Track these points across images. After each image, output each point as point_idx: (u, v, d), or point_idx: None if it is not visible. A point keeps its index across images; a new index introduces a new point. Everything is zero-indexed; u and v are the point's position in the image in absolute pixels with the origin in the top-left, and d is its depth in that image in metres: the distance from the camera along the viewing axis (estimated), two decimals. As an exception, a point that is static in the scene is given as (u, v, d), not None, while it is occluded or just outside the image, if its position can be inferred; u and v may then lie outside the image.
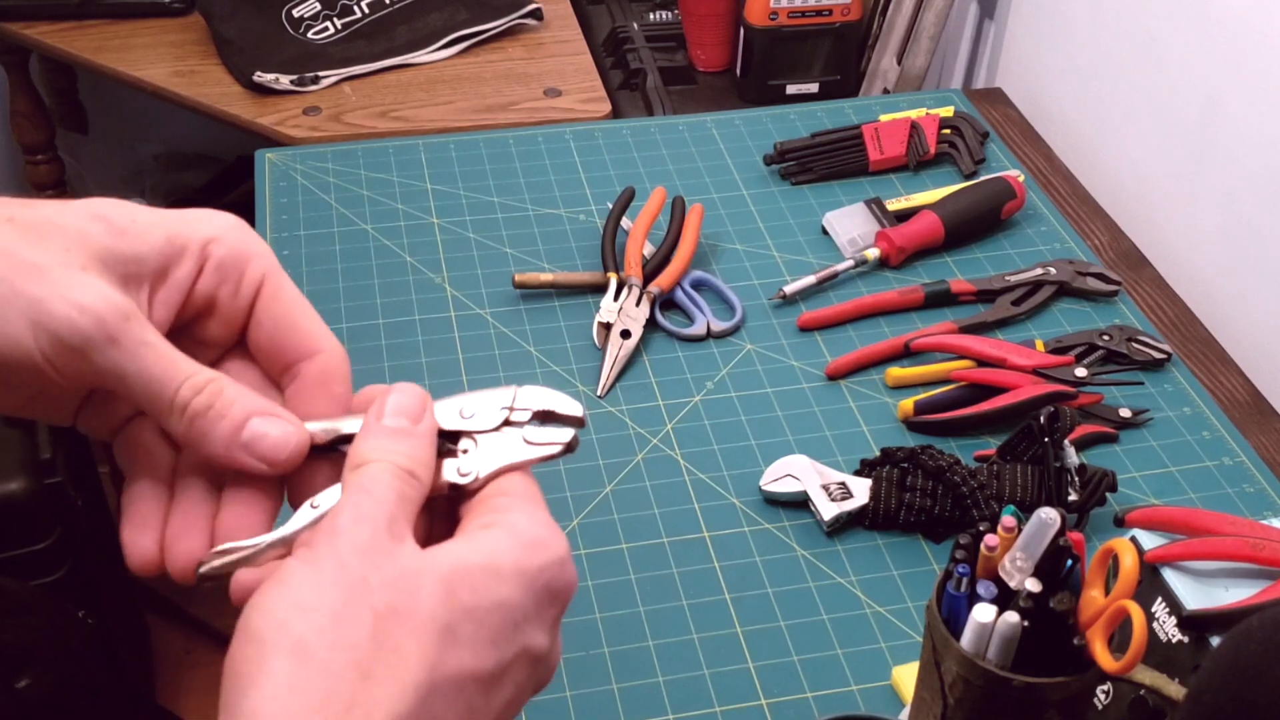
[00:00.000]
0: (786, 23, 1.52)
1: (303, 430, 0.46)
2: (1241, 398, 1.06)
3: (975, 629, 0.61)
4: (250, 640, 0.39)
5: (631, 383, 1.04)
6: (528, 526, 0.44)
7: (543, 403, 0.47)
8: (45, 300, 0.42)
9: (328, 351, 0.49)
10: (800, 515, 0.93)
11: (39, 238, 0.43)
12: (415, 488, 0.44)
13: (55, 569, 1.44)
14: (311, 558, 0.41)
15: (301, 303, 0.49)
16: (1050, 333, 1.08)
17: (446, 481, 0.46)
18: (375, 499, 0.43)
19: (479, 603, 0.42)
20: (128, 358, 0.43)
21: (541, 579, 0.44)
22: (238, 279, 0.47)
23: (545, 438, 0.47)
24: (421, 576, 0.41)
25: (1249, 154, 1.12)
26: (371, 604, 0.40)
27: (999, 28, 1.55)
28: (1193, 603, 0.70)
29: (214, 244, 0.47)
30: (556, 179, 1.25)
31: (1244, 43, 1.11)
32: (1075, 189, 1.30)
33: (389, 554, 0.41)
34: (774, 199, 1.24)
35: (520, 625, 0.43)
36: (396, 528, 0.42)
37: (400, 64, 1.56)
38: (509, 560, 0.43)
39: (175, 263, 0.46)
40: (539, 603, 0.44)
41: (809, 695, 0.81)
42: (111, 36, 1.61)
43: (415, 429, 0.46)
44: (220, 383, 0.45)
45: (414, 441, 0.45)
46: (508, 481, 0.46)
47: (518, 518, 0.45)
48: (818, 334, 1.09)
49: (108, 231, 0.44)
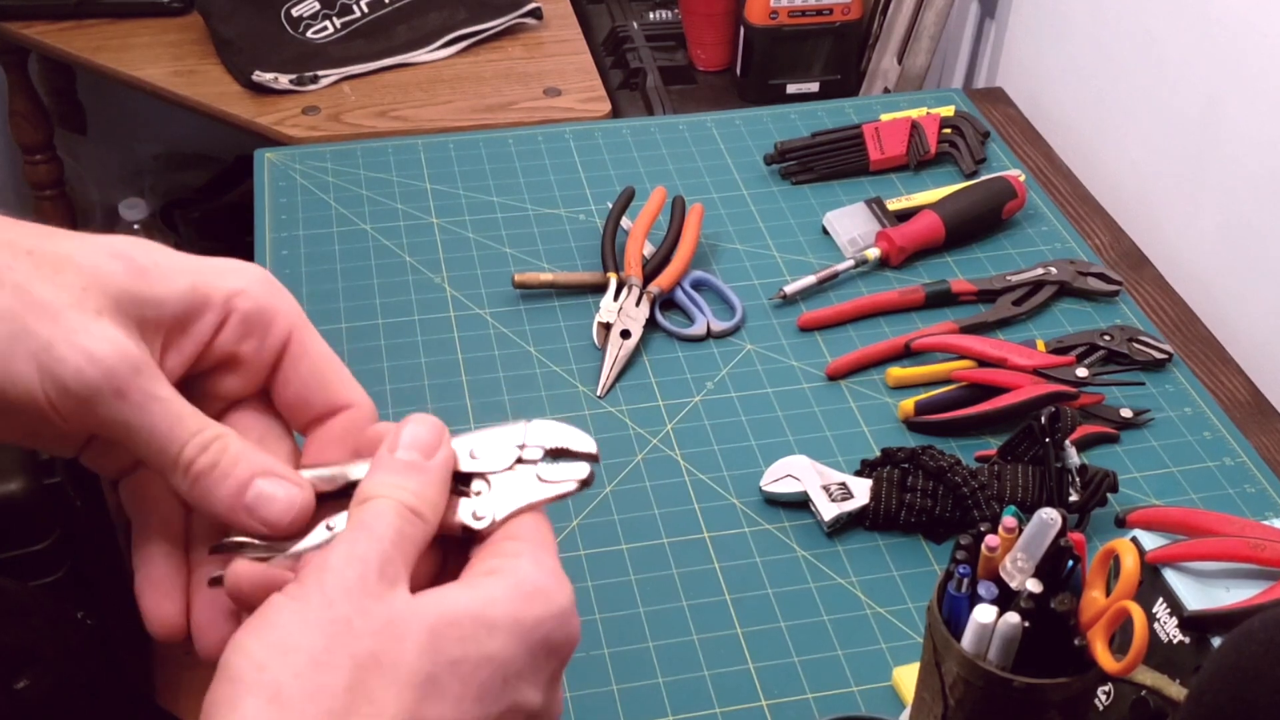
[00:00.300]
0: (787, 22, 1.52)
1: (307, 489, 0.45)
2: (1242, 398, 1.06)
3: (976, 630, 0.61)
4: (227, 680, 0.38)
5: (631, 383, 1.03)
6: (531, 574, 0.42)
7: (555, 439, 0.46)
8: (54, 344, 0.40)
9: (357, 406, 0.48)
10: (800, 516, 0.93)
11: (55, 273, 0.41)
12: (418, 527, 0.43)
13: (54, 569, 1.44)
14: (299, 594, 0.40)
15: (330, 359, 0.48)
16: (1051, 333, 1.08)
17: (460, 523, 0.44)
18: (372, 537, 0.41)
19: (466, 655, 0.40)
20: (134, 412, 0.42)
21: (538, 633, 0.42)
22: (263, 335, 0.46)
23: (560, 475, 0.45)
24: (408, 624, 0.39)
25: (1250, 154, 1.12)
26: (352, 650, 0.38)
27: (1000, 27, 1.55)
28: (1194, 603, 0.70)
29: (239, 297, 0.45)
30: (556, 179, 1.25)
31: (1244, 43, 1.11)
32: (1076, 189, 1.30)
33: (377, 597, 0.40)
34: (774, 199, 1.24)
35: (510, 681, 0.41)
36: (390, 570, 0.41)
37: (399, 63, 1.56)
38: (504, 611, 0.41)
39: (197, 313, 0.44)
40: (534, 657, 0.42)
41: (809, 696, 0.81)
42: (110, 36, 1.61)
43: (427, 464, 0.44)
44: (226, 440, 0.44)
45: (423, 478, 0.44)
46: (519, 525, 0.44)
47: (523, 564, 0.43)
48: (818, 334, 1.09)
49: (127, 272, 0.43)
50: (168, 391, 0.43)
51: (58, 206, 2.00)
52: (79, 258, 0.42)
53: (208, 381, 0.47)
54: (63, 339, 0.41)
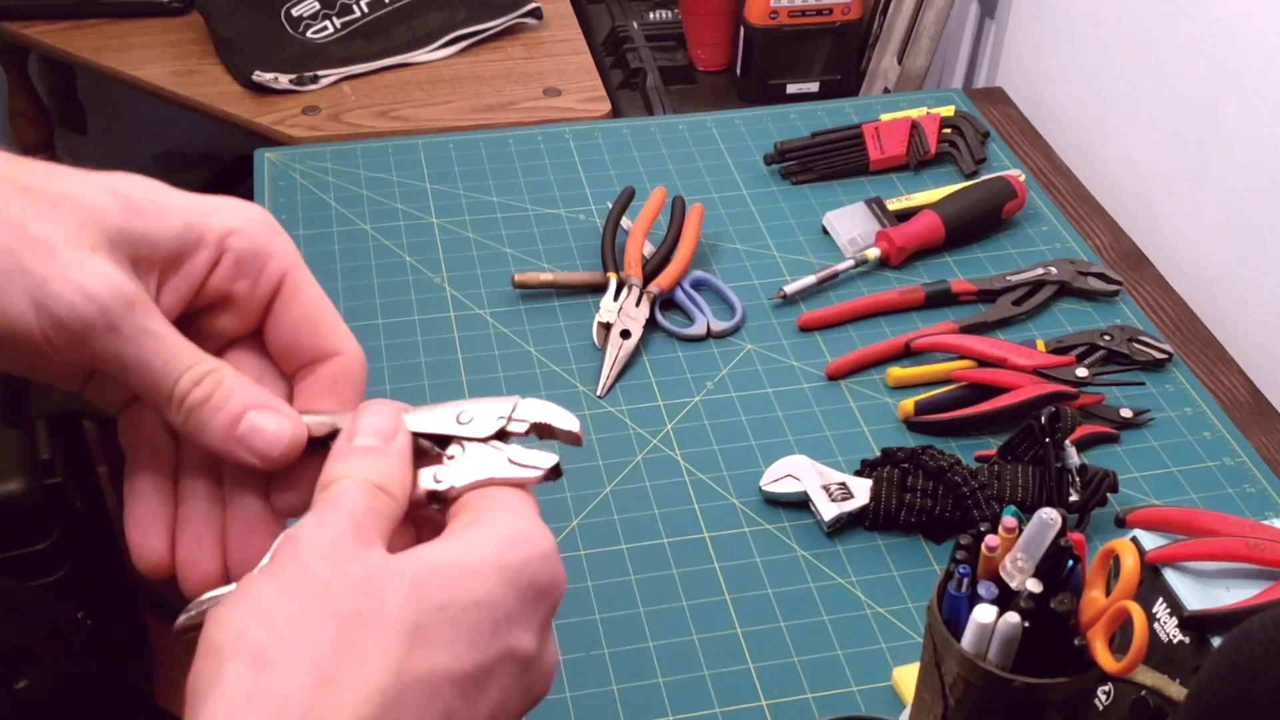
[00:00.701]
0: (787, 22, 1.52)
1: (299, 425, 0.45)
2: (1242, 398, 1.06)
3: (976, 630, 0.61)
4: (207, 653, 0.38)
5: (631, 383, 1.03)
6: (509, 521, 0.42)
7: (541, 415, 0.46)
8: (49, 280, 0.41)
9: (346, 354, 0.48)
10: (800, 516, 0.92)
11: (52, 209, 0.42)
12: (387, 502, 0.42)
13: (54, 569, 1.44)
14: (273, 568, 0.40)
15: (323, 303, 0.48)
16: (1051, 333, 1.08)
17: (424, 490, 0.44)
18: (341, 508, 0.41)
19: (453, 599, 0.39)
20: (128, 346, 0.42)
21: (524, 574, 0.41)
22: (256, 275, 0.46)
23: (529, 460, 0.45)
24: (389, 578, 0.39)
25: (1250, 153, 1.12)
26: (334, 609, 0.38)
27: (1000, 27, 1.55)
28: (1194, 603, 0.70)
29: (233, 236, 0.45)
30: (556, 179, 1.25)
31: (1244, 43, 1.11)
32: (1076, 189, 1.30)
33: (354, 557, 0.40)
34: (774, 199, 1.24)
35: (502, 624, 0.40)
36: (364, 534, 0.41)
37: (399, 63, 1.56)
38: (487, 555, 0.41)
39: (191, 251, 0.45)
40: (523, 600, 0.41)
41: (809, 696, 0.81)
42: (110, 36, 1.61)
43: (388, 446, 0.44)
44: (221, 373, 0.44)
45: (385, 459, 0.43)
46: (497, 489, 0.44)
47: (500, 514, 0.43)
48: (818, 334, 1.09)
49: (123, 209, 0.43)
50: (162, 326, 0.43)
51: (58, 206, 2.00)
52: (76, 194, 0.42)
53: (205, 319, 0.47)
54: (58, 275, 0.41)
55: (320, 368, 0.47)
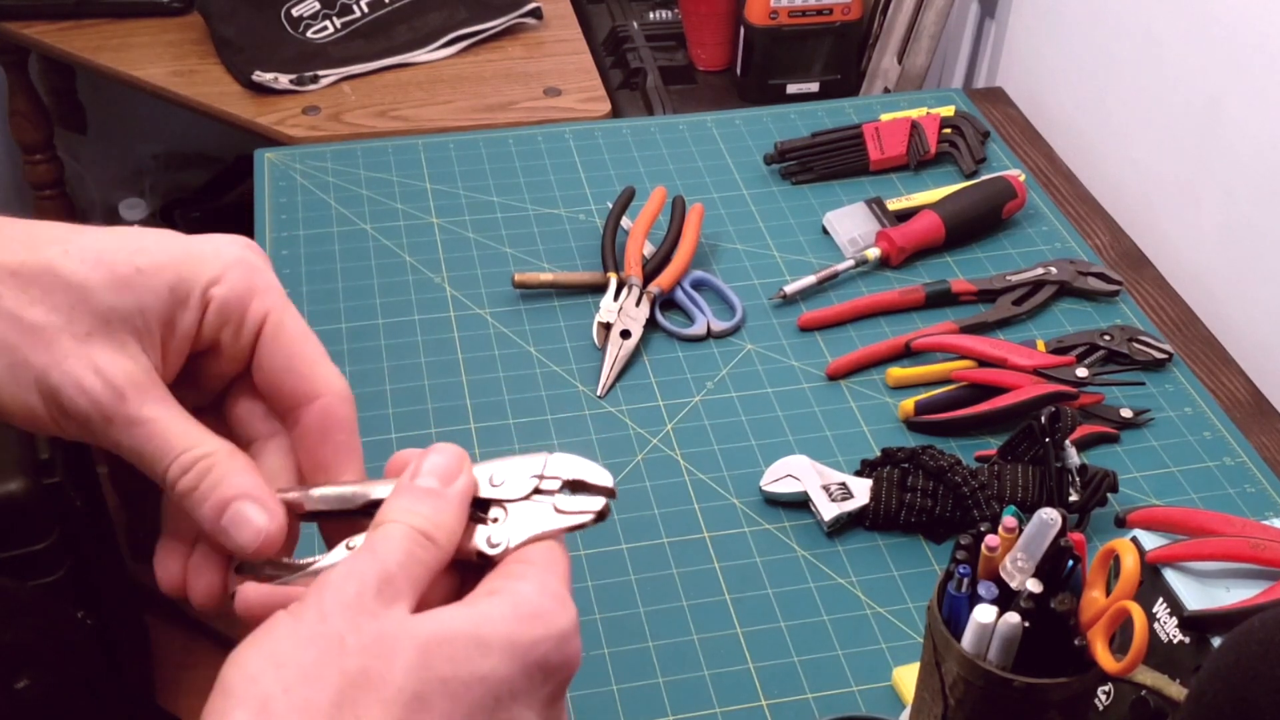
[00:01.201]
0: (787, 22, 1.52)
1: (279, 518, 0.45)
2: (1243, 398, 1.06)
3: (976, 630, 0.61)
4: (221, 692, 0.39)
5: (631, 383, 1.03)
6: (531, 596, 0.42)
7: (573, 472, 0.46)
8: (49, 373, 0.43)
9: (329, 396, 0.48)
10: (800, 516, 0.92)
11: (44, 295, 0.43)
12: (430, 551, 0.43)
13: (54, 569, 1.44)
14: (298, 610, 0.40)
15: (303, 343, 0.48)
16: (1051, 333, 1.08)
17: (475, 548, 0.45)
18: (375, 558, 0.42)
19: (457, 673, 0.40)
20: (123, 436, 0.44)
21: (534, 654, 0.41)
22: (239, 321, 0.47)
23: (577, 506, 0.45)
24: (399, 641, 0.40)
25: (1250, 153, 1.12)
26: (343, 665, 0.39)
27: (1000, 27, 1.55)
28: (1194, 603, 0.70)
29: (216, 286, 0.46)
30: (556, 179, 1.25)
31: (1244, 43, 1.11)
32: (1076, 189, 1.30)
33: (372, 615, 0.40)
34: (774, 199, 1.24)
35: (504, 700, 0.41)
36: (389, 589, 0.41)
37: (400, 63, 1.56)
38: (499, 630, 0.41)
39: (179, 310, 0.46)
40: (530, 679, 0.41)
41: (809, 696, 0.81)
42: (110, 36, 1.61)
43: (445, 490, 0.44)
44: (211, 460, 0.45)
45: (438, 503, 0.44)
46: (531, 549, 0.44)
47: (524, 586, 0.43)
48: (818, 334, 1.09)
49: (110, 284, 0.44)
50: (154, 411, 0.45)
51: (58, 206, 2.00)
52: (64, 273, 0.44)
53: (203, 364, 0.48)
54: (55, 366, 0.43)
55: (305, 414, 0.48)
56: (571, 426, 0.99)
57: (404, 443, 0.96)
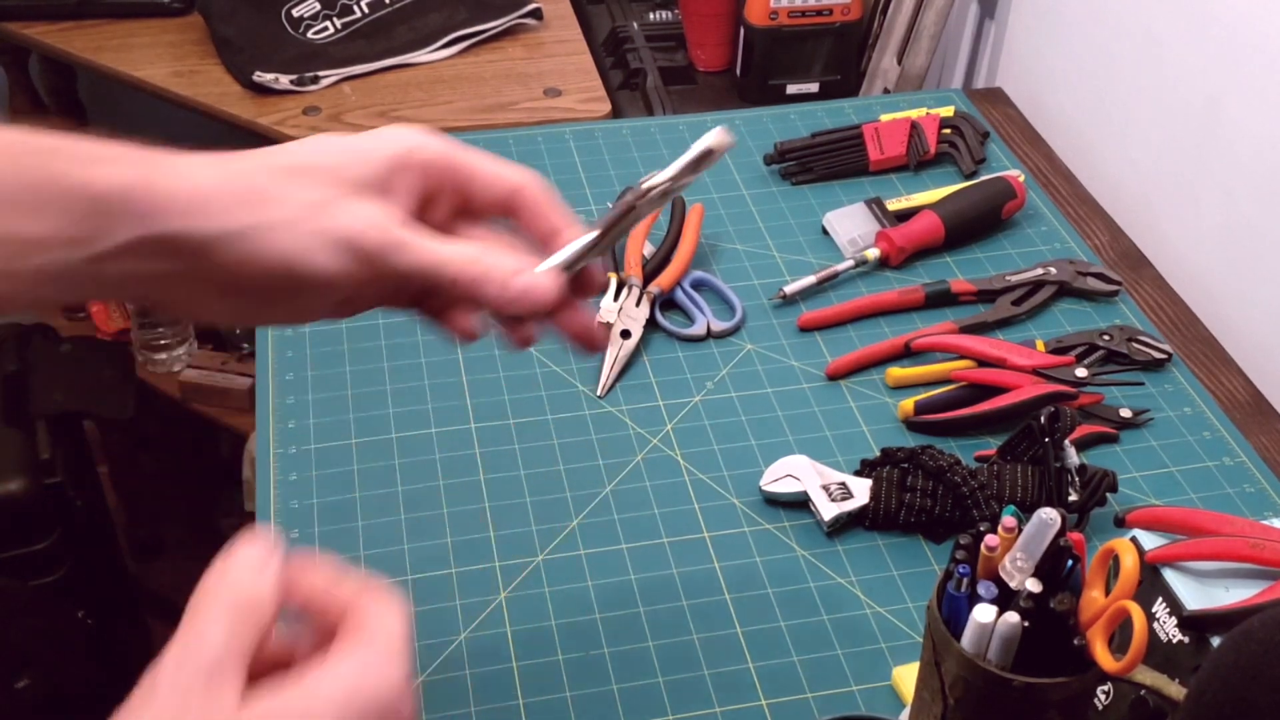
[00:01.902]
0: (787, 22, 1.52)
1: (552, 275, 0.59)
2: (1242, 398, 1.06)
3: (975, 629, 0.61)
4: None
5: (631, 383, 1.03)
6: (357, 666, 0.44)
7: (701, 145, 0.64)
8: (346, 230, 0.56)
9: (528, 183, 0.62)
10: (800, 515, 0.93)
11: (309, 180, 0.56)
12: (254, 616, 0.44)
13: (54, 569, 1.44)
14: (147, 686, 0.42)
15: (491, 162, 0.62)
16: (1051, 333, 1.08)
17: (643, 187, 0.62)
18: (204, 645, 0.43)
19: None
20: (410, 256, 0.57)
21: None
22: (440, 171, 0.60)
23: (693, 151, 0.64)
24: None
25: (1250, 153, 1.12)
26: None
27: (999, 27, 1.55)
28: (1193, 603, 0.70)
29: (416, 152, 0.60)
30: (556, 179, 1.25)
31: (1244, 43, 1.11)
32: (1076, 189, 1.30)
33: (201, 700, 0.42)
34: (774, 199, 1.24)
35: None
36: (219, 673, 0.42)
37: (400, 64, 1.56)
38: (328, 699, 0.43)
39: (399, 174, 0.59)
40: None
41: (809, 696, 0.81)
42: (110, 36, 1.61)
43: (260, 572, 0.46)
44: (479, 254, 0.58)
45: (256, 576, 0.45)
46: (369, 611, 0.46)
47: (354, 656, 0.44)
48: (818, 334, 1.09)
49: (353, 164, 0.57)
50: (423, 237, 0.58)
51: (58, 206, 2.00)
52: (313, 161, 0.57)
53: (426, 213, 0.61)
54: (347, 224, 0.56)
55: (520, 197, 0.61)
56: (571, 426, 0.99)
57: (404, 442, 0.97)
